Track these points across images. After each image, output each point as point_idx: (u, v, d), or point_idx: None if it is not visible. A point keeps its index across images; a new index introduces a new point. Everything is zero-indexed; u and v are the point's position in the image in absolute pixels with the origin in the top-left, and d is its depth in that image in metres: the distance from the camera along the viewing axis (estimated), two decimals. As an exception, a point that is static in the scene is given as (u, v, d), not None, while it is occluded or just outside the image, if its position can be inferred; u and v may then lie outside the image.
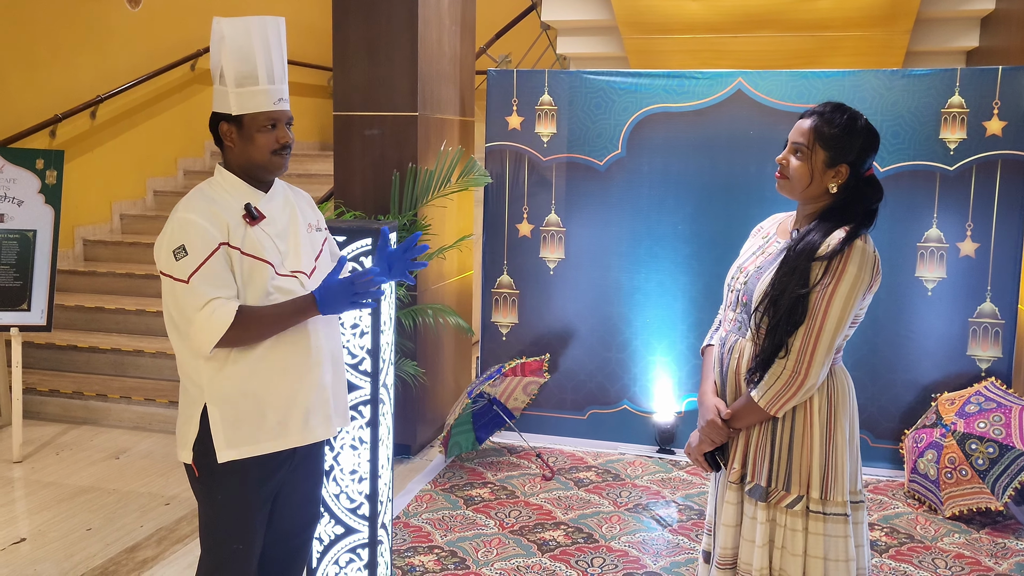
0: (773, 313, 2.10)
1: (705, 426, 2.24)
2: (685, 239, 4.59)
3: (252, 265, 2.21)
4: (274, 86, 2.27)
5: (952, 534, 3.76)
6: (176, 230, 2.15)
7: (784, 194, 2.23)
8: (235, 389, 2.22)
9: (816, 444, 2.12)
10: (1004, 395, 4.04)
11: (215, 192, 2.25)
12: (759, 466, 2.17)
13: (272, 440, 2.27)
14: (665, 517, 3.92)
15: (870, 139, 2.17)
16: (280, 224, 2.31)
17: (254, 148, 2.25)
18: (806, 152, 2.15)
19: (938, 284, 4.32)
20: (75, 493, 4.11)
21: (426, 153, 4.47)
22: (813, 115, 2.19)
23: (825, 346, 2.07)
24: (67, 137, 6.54)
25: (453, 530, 3.76)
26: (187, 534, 3.69)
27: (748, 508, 2.18)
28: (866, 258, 2.08)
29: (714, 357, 2.31)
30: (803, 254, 2.09)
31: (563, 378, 4.81)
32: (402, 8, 4.28)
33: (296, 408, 2.30)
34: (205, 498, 2.28)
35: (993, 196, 4.22)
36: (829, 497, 2.11)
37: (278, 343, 2.26)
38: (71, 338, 5.66)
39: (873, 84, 4.30)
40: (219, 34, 2.27)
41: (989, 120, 4.19)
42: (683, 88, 4.52)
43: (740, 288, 2.23)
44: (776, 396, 2.10)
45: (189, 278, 2.12)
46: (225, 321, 2.12)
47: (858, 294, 2.08)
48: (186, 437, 2.25)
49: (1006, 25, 4.92)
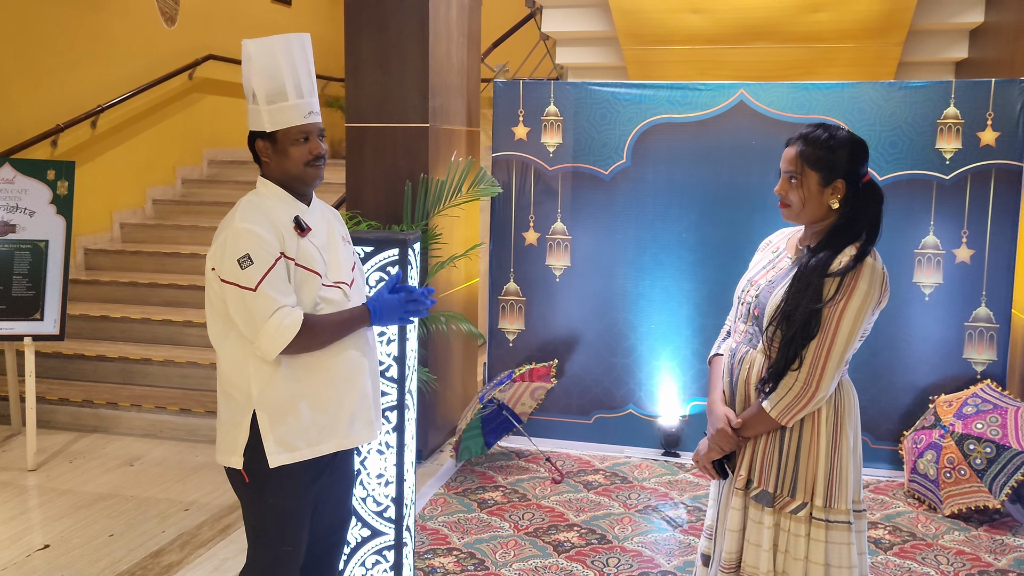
0: (787, 327, 2.17)
1: (715, 435, 2.31)
2: (689, 247, 4.71)
3: (303, 275, 2.30)
4: (303, 100, 2.35)
5: (952, 531, 3.89)
6: (239, 240, 2.23)
7: (790, 221, 2.32)
8: (285, 395, 2.30)
9: (822, 453, 2.20)
10: (1000, 397, 4.17)
11: (265, 203, 2.33)
12: (766, 473, 2.25)
13: (320, 444, 2.36)
14: (675, 518, 4.02)
15: (856, 149, 2.24)
16: (323, 236, 2.40)
17: (289, 161, 2.34)
18: (799, 178, 2.23)
19: (935, 289, 4.46)
20: (93, 500, 4.17)
21: (436, 163, 4.56)
22: (797, 140, 2.27)
23: (836, 360, 2.15)
24: (68, 147, 6.59)
25: (470, 532, 3.84)
26: (210, 538, 3.76)
27: (754, 513, 2.26)
28: (876, 275, 2.17)
29: (723, 367, 2.39)
30: (816, 270, 2.18)
31: (569, 383, 4.91)
32: (413, 22, 4.38)
33: (342, 413, 2.39)
34: (255, 502, 2.36)
35: (987, 204, 4.36)
36: (833, 505, 2.20)
37: (323, 355, 2.35)
38: (77, 347, 5.71)
39: (871, 96, 4.44)
40: (247, 55, 2.35)
41: (983, 131, 4.33)
42: (686, 99, 4.64)
43: (751, 301, 2.31)
44: (788, 407, 2.18)
45: (257, 286, 2.20)
46: (294, 328, 2.21)
47: (868, 310, 2.16)
48: (235, 443, 2.33)
49: (995, 38, 5.08)
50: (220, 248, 2.26)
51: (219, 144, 8.43)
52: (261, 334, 2.21)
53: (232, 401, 2.36)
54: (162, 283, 6.33)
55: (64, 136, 6.54)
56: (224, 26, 8.33)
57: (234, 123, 8.60)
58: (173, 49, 7.65)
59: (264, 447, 2.30)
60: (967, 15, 5.28)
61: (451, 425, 5.04)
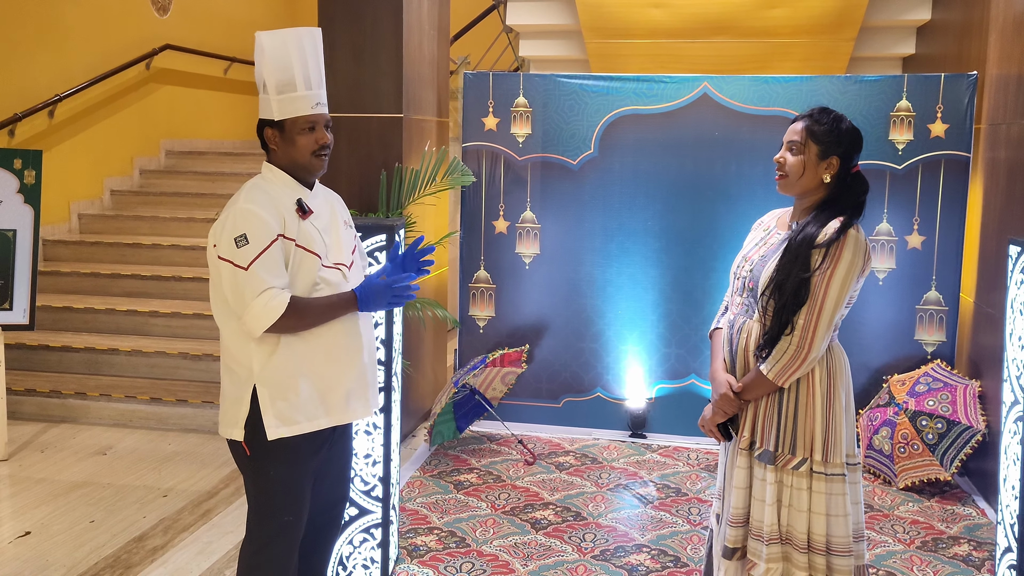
0: (779, 296, 2.37)
1: (719, 400, 2.49)
2: (655, 235, 4.86)
3: (303, 256, 2.38)
4: (312, 91, 2.44)
5: (907, 503, 4.10)
6: (238, 219, 2.31)
7: (784, 192, 2.48)
8: (285, 371, 2.38)
9: (818, 412, 2.39)
10: (949, 376, 4.40)
11: (270, 186, 2.41)
12: (767, 433, 2.43)
13: (318, 419, 2.44)
14: (645, 495, 4.17)
15: (856, 137, 2.45)
16: (324, 219, 2.49)
17: (295, 150, 2.42)
18: (800, 147, 2.42)
19: (888, 274, 4.68)
20: (70, 488, 4.17)
21: (410, 153, 4.64)
22: (804, 118, 2.47)
23: (826, 323, 2.35)
24: (25, 136, 6.51)
25: (449, 512, 3.94)
26: (192, 523, 3.80)
27: (758, 471, 2.44)
28: (859, 245, 2.36)
29: (723, 337, 2.56)
30: (804, 243, 2.37)
31: (539, 368, 5.03)
32: (387, 14, 4.45)
33: (339, 389, 2.48)
34: (257, 474, 2.44)
35: (937, 193, 4.59)
36: (830, 459, 2.39)
37: (323, 332, 2.43)
38: (41, 338, 5.66)
39: (828, 89, 4.63)
40: (260, 47, 2.42)
41: (933, 123, 4.55)
42: (652, 91, 4.79)
43: (746, 275, 2.49)
44: (783, 369, 2.37)
45: (249, 265, 2.28)
46: (279, 309, 2.29)
47: (853, 277, 2.36)
48: (236, 416, 2.40)
49: (941, 34, 5.32)
50: (220, 226, 2.34)
51: (177, 135, 8.37)
52: (247, 312, 2.30)
53: (234, 376, 2.43)
54: (124, 273, 6.29)
55: (21, 126, 6.45)
56: (181, 15, 8.26)
57: (192, 114, 8.54)
58: (130, 39, 7.58)
59: (263, 421, 2.38)
60: (915, 13, 5.51)
61: (423, 410, 5.13)
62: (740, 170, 4.74)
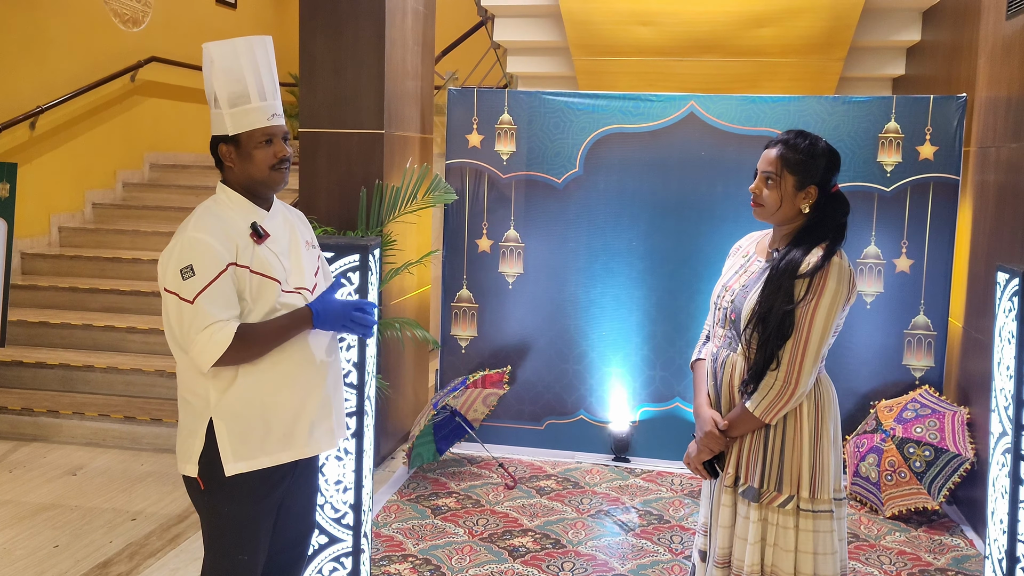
0: (762, 329, 2.27)
1: (703, 437, 2.40)
2: (639, 255, 4.78)
3: (261, 283, 2.27)
4: (266, 102, 2.33)
5: (893, 532, 4.02)
6: (185, 249, 2.19)
7: (761, 219, 2.40)
8: (243, 403, 2.27)
9: (805, 447, 2.30)
10: (938, 402, 4.33)
11: (222, 210, 2.30)
12: (752, 469, 2.34)
13: (278, 453, 2.33)
14: (627, 522, 4.08)
15: (832, 159, 2.36)
16: (283, 242, 2.38)
17: (253, 165, 2.31)
18: (776, 179, 2.32)
19: (876, 298, 4.61)
20: (36, 511, 4.05)
21: (391, 170, 4.56)
22: (778, 144, 2.36)
23: (812, 356, 2.26)
24: (5, 148, 6.41)
25: (424, 539, 3.84)
26: (159, 548, 3.69)
27: (741, 508, 2.35)
28: (843, 273, 2.28)
29: (707, 371, 2.47)
30: (786, 272, 2.28)
31: (521, 389, 4.94)
32: (369, 28, 4.37)
33: (302, 421, 2.37)
34: (211, 510, 2.33)
35: (926, 216, 4.52)
36: (817, 495, 2.30)
37: (284, 358, 2.33)
38: (15, 354, 5.55)
39: (816, 109, 4.57)
40: (208, 58, 2.32)
41: (922, 145, 4.50)
42: (638, 110, 4.72)
43: (727, 306, 2.40)
44: (770, 405, 2.28)
45: (195, 299, 2.17)
46: (224, 343, 2.17)
47: (838, 307, 2.28)
48: (191, 451, 2.29)
49: (931, 56, 5.27)
50: (168, 255, 2.23)
51: (161, 148, 8.28)
52: (193, 347, 2.18)
53: (190, 408, 2.33)
54: (103, 288, 6.19)
55: (2, 137, 6.36)
56: (167, 28, 8.19)
57: (176, 127, 8.45)
58: (114, 51, 7.50)
59: (220, 455, 2.27)
60: (905, 33, 5.47)
61: (403, 432, 5.03)
62: (726, 190, 4.67)
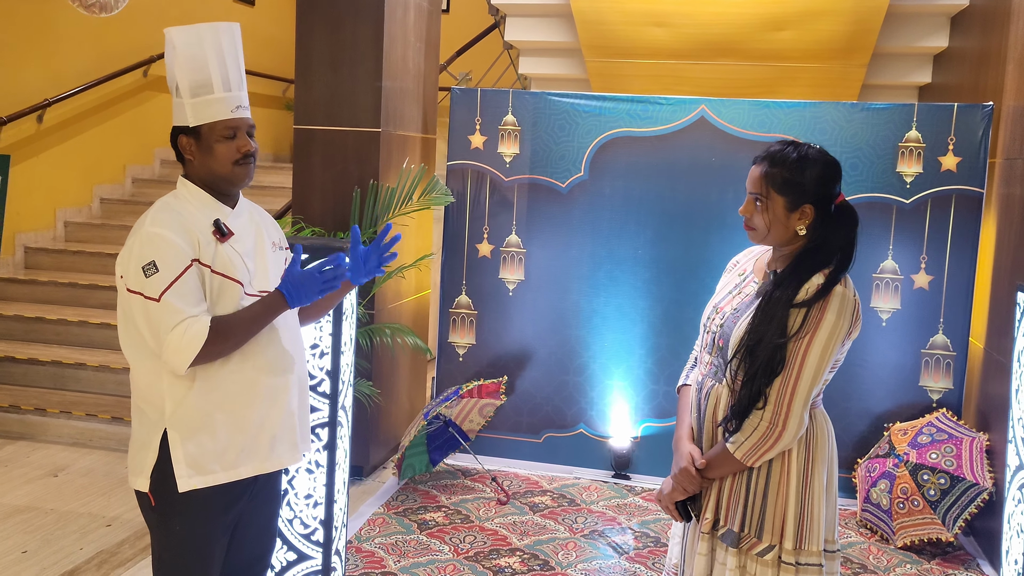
0: (750, 363, 2.02)
1: (678, 474, 2.15)
2: (645, 264, 4.59)
3: (222, 284, 2.12)
4: (231, 93, 2.19)
5: (904, 564, 3.79)
6: (145, 245, 2.05)
7: (756, 243, 2.18)
8: (200, 414, 2.12)
9: (792, 492, 2.06)
10: (955, 427, 4.09)
11: (182, 206, 2.16)
12: (732, 511, 2.10)
13: (237, 467, 2.18)
14: (621, 544, 3.88)
15: (827, 170, 2.07)
16: (248, 242, 2.23)
17: (214, 160, 2.16)
18: (764, 201, 2.07)
19: (892, 315, 4.38)
20: (10, 513, 3.93)
21: (388, 170, 4.40)
22: (764, 160, 2.09)
23: (802, 398, 2.00)
24: (12, 141, 6.33)
25: (407, 556, 3.67)
26: (129, 557, 3.55)
27: (719, 554, 2.11)
28: (845, 304, 2.02)
29: (690, 400, 2.23)
30: (781, 301, 2.01)
31: (519, 400, 4.76)
32: (368, 24, 4.23)
33: (263, 434, 2.22)
34: (161, 529, 2.18)
35: (947, 230, 4.29)
36: (803, 547, 2.05)
37: (246, 368, 2.17)
38: (9, 349, 5.46)
39: (833, 116, 4.36)
40: (171, 44, 2.18)
41: (944, 155, 4.27)
42: (647, 113, 4.53)
43: (716, 331, 2.15)
44: (753, 448, 2.03)
45: (160, 296, 2.02)
46: (200, 338, 2.02)
47: (837, 343, 2.01)
48: (143, 464, 2.15)
49: (959, 63, 5.04)
50: (127, 254, 2.08)
51: (173, 143, 8.19)
52: (165, 348, 2.03)
53: (143, 418, 2.18)
54: (103, 284, 6.09)
55: (7, 129, 6.28)
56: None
57: (189, 123, 8.35)
58: (126, 45, 7.42)
59: (174, 469, 2.12)
60: (931, 39, 5.24)
61: (395, 441, 4.87)
62: (737, 198, 4.45)
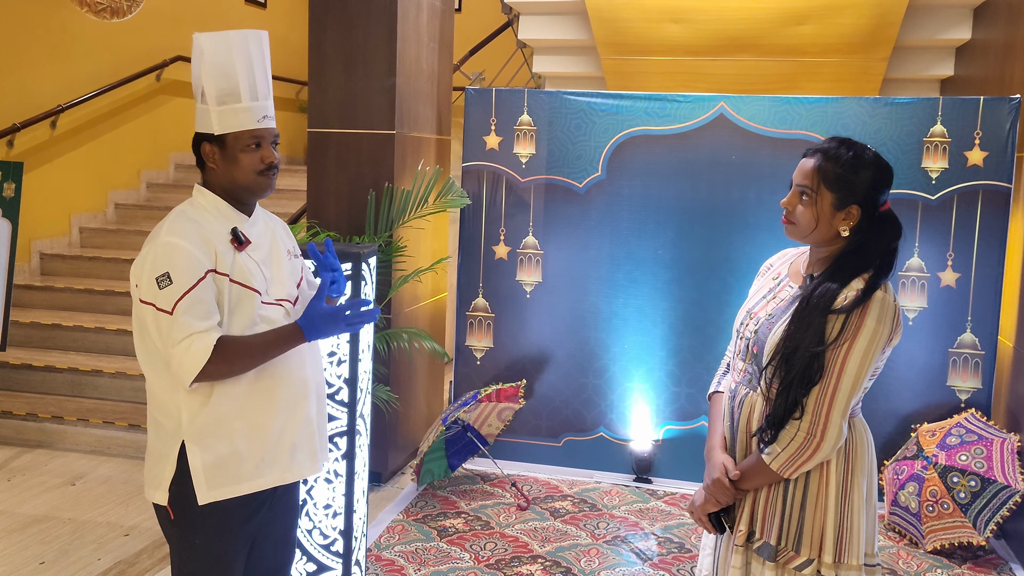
0: (786, 371, 1.95)
1: (711, 485, 2.08)
2: (665, 264, 4.52)
3: (240, 293, 2.09)
4: (258, 103, 2.16)
5: (934, 569, 3.71)
6: (160, 255, 2.02)
7: (793, 239, 2.10)
8: (218, 426, 2.09)
9: (831, 505, 1.99)
10: (985, 427, 4.00)
11: (199, 215, 2.12)
12: (768, 523, 2.03)
13: (256, 479, 2.14)
14: (645, 550, 3.82)
15: (880, 174, 2.01)
16: (264, 250, 2.20)
17: (238, 169, 2.13)
18: (812, 195, 2.00)
19: (919, 314, 4.29)
20: (28, 523, 3.91)
21: (403, 172, 4.35)
22: (817, 153, 2.03)
23: (841, 407, 1.93)
24: (26, 147, 6.33)
25: (427, 564, 3.62)
26: (148, 568, 3.52)
27: (756, 567, 2.04)
28: (886, 310, 1.94)
29: (723, 408, 2.17)
30: (819, 307, 1.95)
31: (538, 404, 4.70)
32: (381, 25, 4.17)
33: (282, 444, 2.18)
34: (181, 542, 2.14)
35: (974, 226, 4.20)
36: (843, 560, 1.98)
37: (263, 377, 2.14)
38: (26, 356, 5.44)
39: (856, 111, 4.27)
40: (199, 50, 2.14)
41: (971, 150, 4.18)
42: (665, 111, 4.46)
43: (750, 337, 2.09)
44: (790, 460, 1.97)
45: (173, 308, 1.99)
46: (203, 354, 1.99)
47: (877, 350, 1.94)
48: (160, 477, 2.11)
49: (982, 55, 4.94)
50: (141, 263, 2.05)
51: (187, 148, 8.15)
52: (171, 360, 2.00)
53: (161, 429, 2.14)
54: (119, 291, 6.07)
55: (21, 136, 6.28)
56: (195, 27, 8.02)
57: (203, 127, 8.34)
58: (140, 49, 7.40)
59: (192, 481, 2.08)
60: (954, 32, 5.13)
61: (413, 446, 4.82)
62: (759, 197, 4.39)
